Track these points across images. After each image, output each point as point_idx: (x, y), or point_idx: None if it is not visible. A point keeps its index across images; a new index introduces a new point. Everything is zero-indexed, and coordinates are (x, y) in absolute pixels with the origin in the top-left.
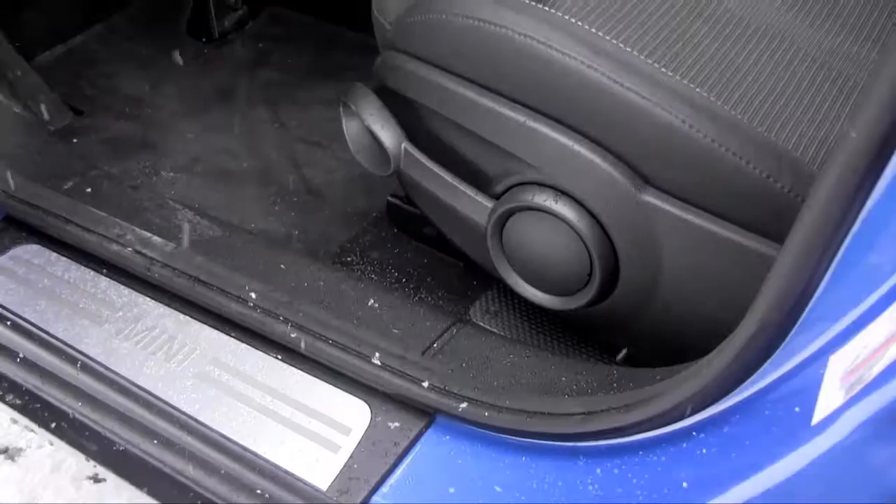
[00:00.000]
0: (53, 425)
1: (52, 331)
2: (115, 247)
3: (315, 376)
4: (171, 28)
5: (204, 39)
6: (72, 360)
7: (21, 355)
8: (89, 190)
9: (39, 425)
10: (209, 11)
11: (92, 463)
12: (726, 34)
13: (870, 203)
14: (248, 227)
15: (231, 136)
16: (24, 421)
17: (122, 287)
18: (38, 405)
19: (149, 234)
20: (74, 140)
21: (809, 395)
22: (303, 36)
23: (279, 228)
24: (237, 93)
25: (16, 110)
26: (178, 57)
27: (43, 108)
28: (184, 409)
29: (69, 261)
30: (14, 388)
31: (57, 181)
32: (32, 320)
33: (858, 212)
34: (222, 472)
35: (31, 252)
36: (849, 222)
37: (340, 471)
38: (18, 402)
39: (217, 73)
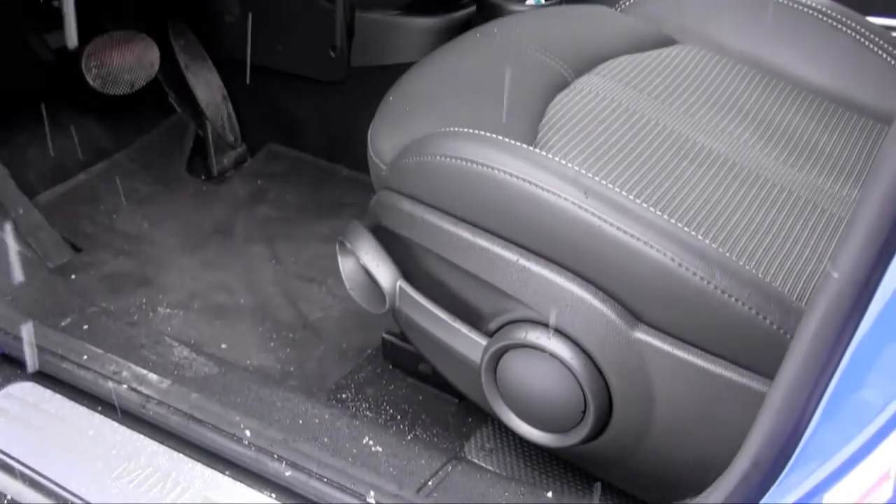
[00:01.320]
0: None
1: (42, 470)
2: (110, 384)
3: None
4: (171, 166)
5: (203, 177)
6: (62, 501)
7: (9, 497)
8: (86, 327)
9: None
10: (209, 149)
11: None
12: (711, 174)
13: (856, 340)
14: (244, 364)
15: (228, 272)
16: None
17: (115, 424)
18: None
19: (144, 371)
20: (73, 276)
21: None
22: (300, 173)
23: (274, 365)
24: (235, 229)
25: (16, 248)
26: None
27: (43, 245)
28: None
29: (63, 398)
30: None
31: (55, 318)
32: (23, 460)
33: (845, 349)
34: None
35: (25, 389)
36: (836, 359)
37: None
38: None
39: (215, 209)
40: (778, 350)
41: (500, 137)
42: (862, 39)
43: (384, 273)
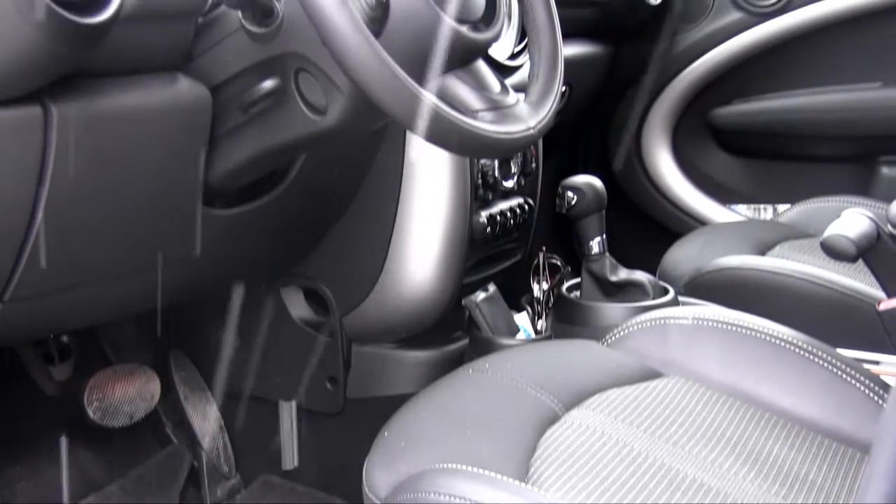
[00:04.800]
0: None
1: None
2: None
3: None
4: (164, 497)
5: None
6: None
7: None
8: None
9: None
10: (202, 480)
11: None
12: None
13: None
14: None
15: None
16: None
17: None
18: None
19: None
20: None
21: None
22: None
23: None
24: None
25: None
26: None
27: None
28: None
29: None
30: None
31: None
32: None
33: None
34: None
35: None
36: None
37: None
38: None
39: None
40: None
41: (494, 474)
42: (838, 372)
43: None
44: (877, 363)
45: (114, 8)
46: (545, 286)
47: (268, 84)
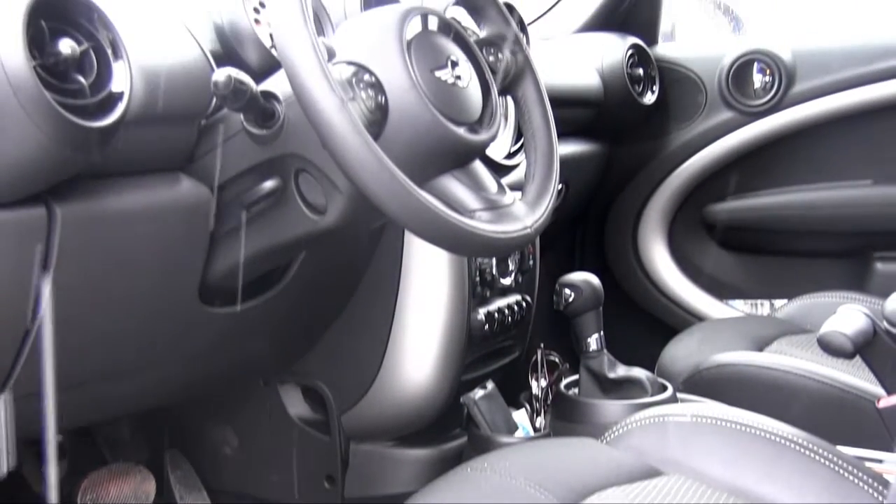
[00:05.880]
0: None
1: None
2: None
3: None
4: None
5: None
6: None
7: None
8: None
9: None
10: None
11: None
12: None
13: None
14: None
15: None
16: None
17: None
18: None
19: None
20: None
21: None
22: None
23: None
24: None
25: None
26: None
27: None
28: None
29: None
30: None
31: None
32: None
33: None
34: None
35: None
36: None
37: None
38: None
39: None
40: None
41: None
42: (840, 470)
43: None
44: (880, 461)
45: (120, 111)
46: (543, 383)
47: (268, 184)
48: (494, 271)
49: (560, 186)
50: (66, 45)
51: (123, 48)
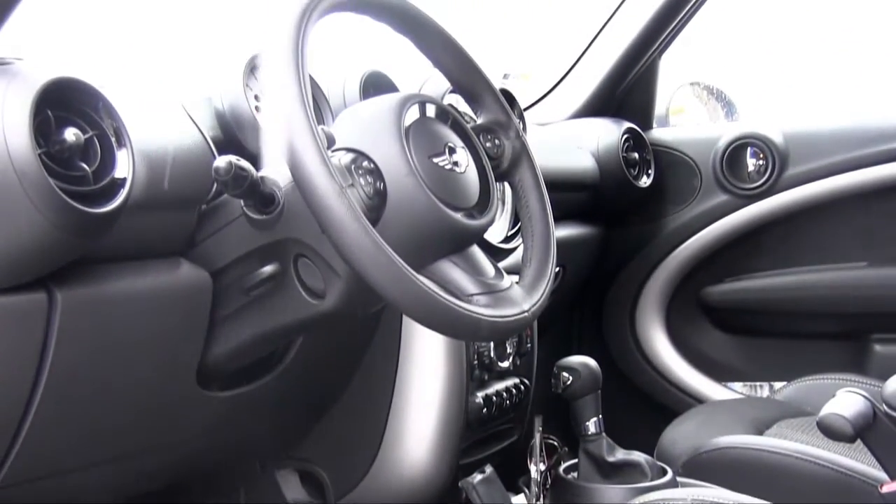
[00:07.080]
0: None
1: None
2: None
3: None
4: None
5: None
6: None
7: None
8: None
9: None
10: None
11: None
12: None
13: None
14: None
15: None
16: None
17: None
18: None
19: None
20: None
21: None
22: None
23: None
24: None
25: None
26: None
27: None
28: None
29: None
30: None
31: None
32: None
33: None
34: None
35: None
36: None
37: None
38: None
39: None
40: None
41: None
42: None
43: None
44: None
45: (122, 198)
46: (542, 467)
47: (268, 269)
48: (492, 354)
49: (557, 269)
50: (71, 134)
51: (127, 135)
